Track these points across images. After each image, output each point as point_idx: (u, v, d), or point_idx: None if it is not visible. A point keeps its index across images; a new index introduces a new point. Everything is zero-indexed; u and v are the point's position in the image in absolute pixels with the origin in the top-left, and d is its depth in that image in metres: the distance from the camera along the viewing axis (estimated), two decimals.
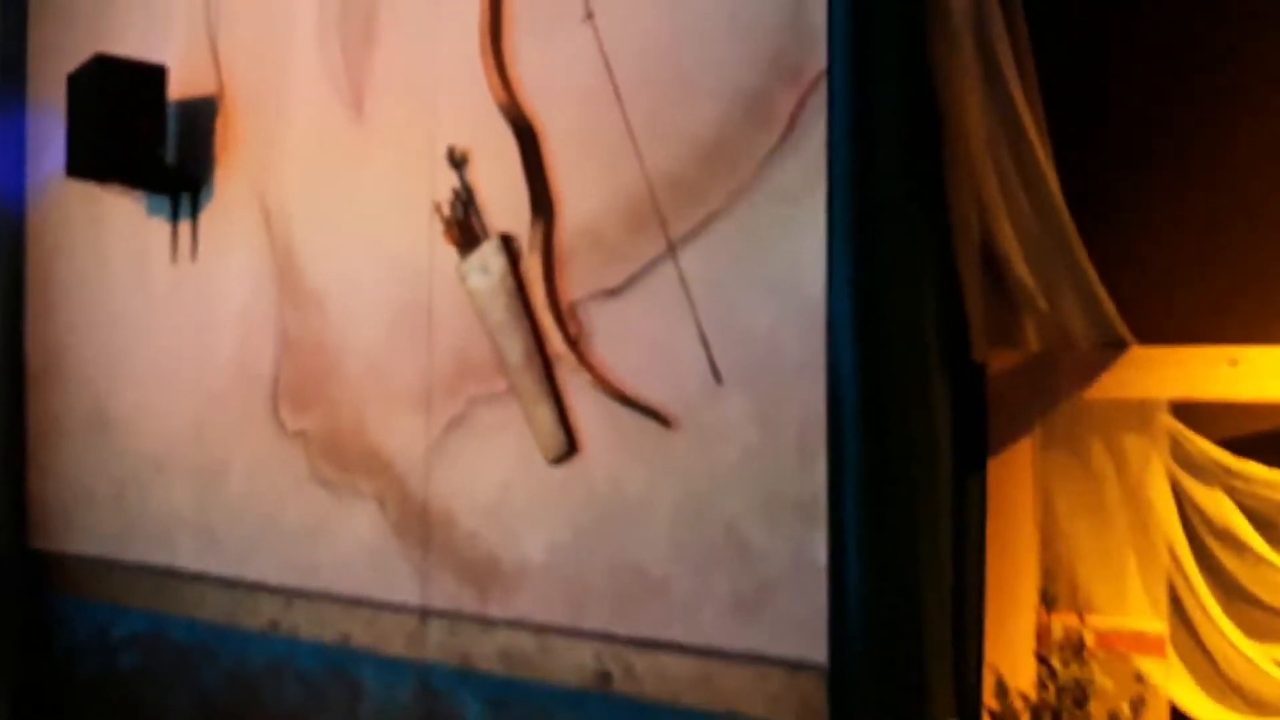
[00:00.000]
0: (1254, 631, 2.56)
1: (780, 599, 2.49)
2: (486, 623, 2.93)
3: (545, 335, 2.90)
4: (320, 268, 3.51)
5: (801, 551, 2.45)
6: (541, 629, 2.83)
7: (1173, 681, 2.56)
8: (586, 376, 2.82)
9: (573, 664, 2.78)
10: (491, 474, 3.00)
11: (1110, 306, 2.58)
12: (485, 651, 2.94)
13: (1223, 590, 2.60)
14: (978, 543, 2.53)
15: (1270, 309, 2.65)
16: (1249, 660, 2.55)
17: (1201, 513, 2.63)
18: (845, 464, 2.36)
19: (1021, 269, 2.57)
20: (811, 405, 2.43)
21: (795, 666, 2.44)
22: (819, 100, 2.48)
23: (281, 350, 3.58)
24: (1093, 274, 2.55)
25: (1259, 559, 2.57)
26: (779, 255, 2.55)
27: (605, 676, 2.71)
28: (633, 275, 2.76)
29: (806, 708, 2.42)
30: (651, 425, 2.70)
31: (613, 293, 2.80)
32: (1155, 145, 2.79)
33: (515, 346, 2.95)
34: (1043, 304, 2.58)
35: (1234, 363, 2.55)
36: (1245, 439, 2.66)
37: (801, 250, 2.50)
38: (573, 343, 2.85)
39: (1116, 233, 2.69)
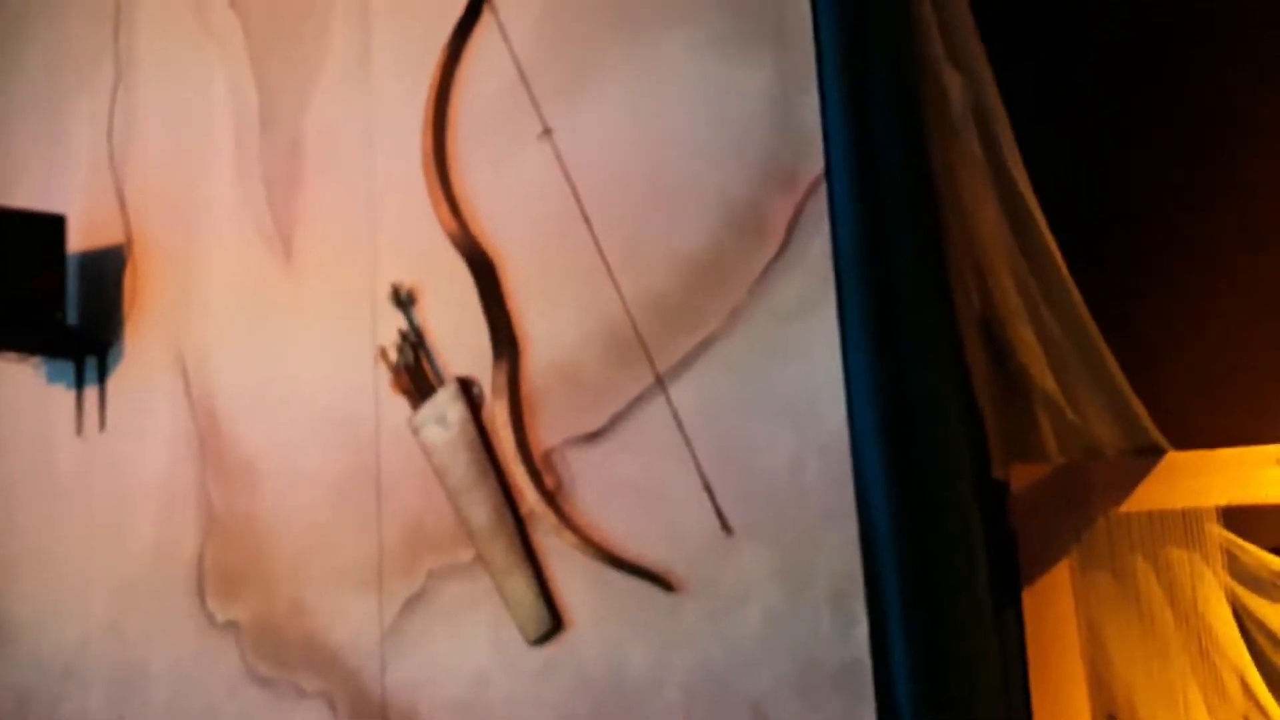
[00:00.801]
0: None
1: None
2: None
3: (517, 492, 2.55)
4: (250, 431, 3.15)
5: None
6: None
7: None
8: (569, 537, 2.46)
9: None
10: (462, 661, 2.60)
11: (1141, 410, 2.44)
12: None
13: None
14: (1020, 686, 2.30)
15: None
16: None
17: (1268, 631, 2.37)
18: (889, 623, 2.08)
19: (1044, 376, 2.41)
20: (843, 555, 2.13)
21: None
22: (818, 207, 2.26)
23: (207, 528, 3.18)
24: (1120, 376, 2.41)
25: None
26: (789, 381, 2.26)
27: None
28: (617, 415, 2.44)
29: None
30: (652, 590, 2.34)
31: (595, 437, 2.47)
32: (1178, 237, 2.64)
33: (482, 508, 2.59)
34: (1070, 414, 2.39)
35: None
36: None
37: (814, 374, 2.22)
38: (550, 498, 2.50)
39: (1141, 330, 2.57)
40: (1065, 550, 2.43)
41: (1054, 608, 2.41)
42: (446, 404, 2.67)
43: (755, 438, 2.28)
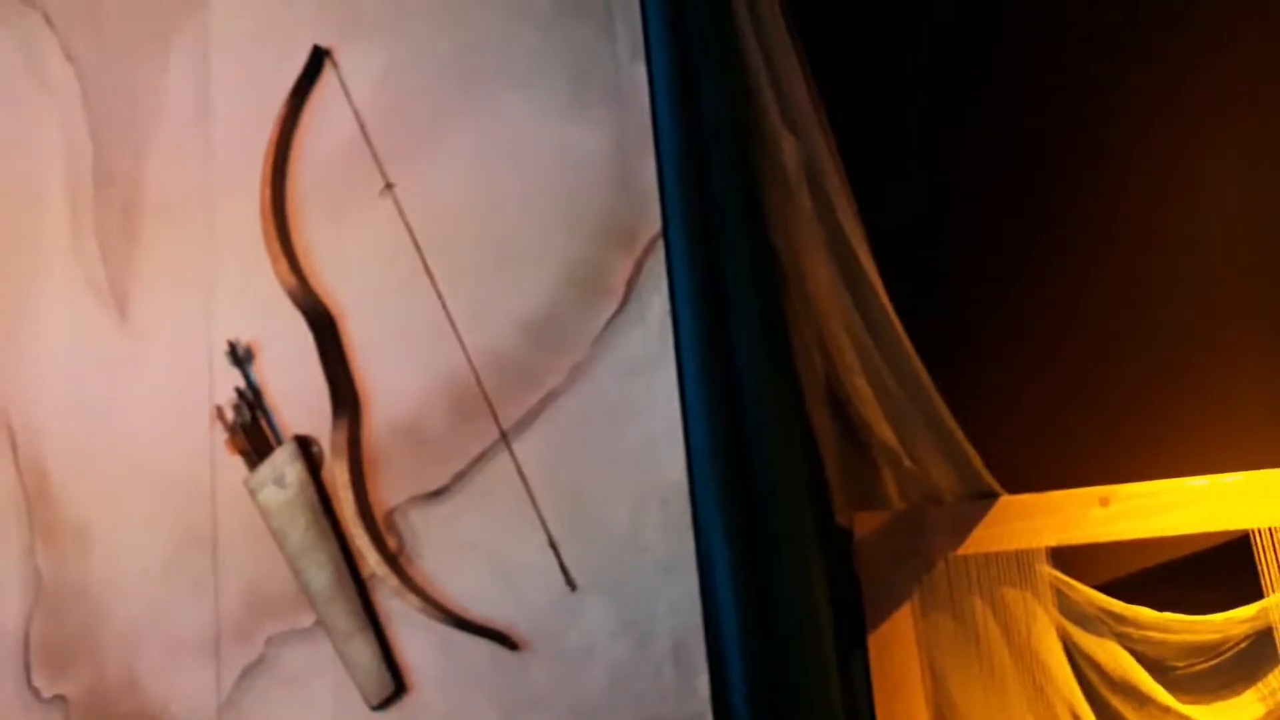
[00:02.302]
0: None
1: None
2: None
3: (358, 554, 2.49)
4: (80, 496, 3.01)
5: None
6: None
7: None
8: (412, 599, 2.41)
9: None
10: None
11: (975, 457, 2.58)
12: None
13: None
14: None
15: (1138, 445, 2.62)
16: None
17: (1097, 666, 2.49)
18: (729, 676, 2.09)
19: (883, 428, 2.50)
20: (684, 609, 2.14)
21: None
22: (657, 265, 2.29)
23: (34, 600, 3.01)
24: (953, 425, 2.54)
25: (1163, 709, 2.43)
26: (630, 436, 2.27)
27: None
28: (460, 472, 2.42)
29: None
30: (498, 650, 2.31)
31: (438, 495, 2.43)
32: (1004, 291, 2.77)
33: (322, 571, 2.52)
34: (908, 462, 2.49)
35: (1105, 502, 2.48)
36: (1126, 580, 2.54)
37: (654, 429, 2.24)
38: (393, 560, 2.45)
39: (973, 380, 2.68)
40: (908, 594, 2.50)
41: (898, 651, 2.48)
42: (285, 464, 2.60)
43: (598, 492, 2.28)
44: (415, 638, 2.40)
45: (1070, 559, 2.53)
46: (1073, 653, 2.49)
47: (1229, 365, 2.69)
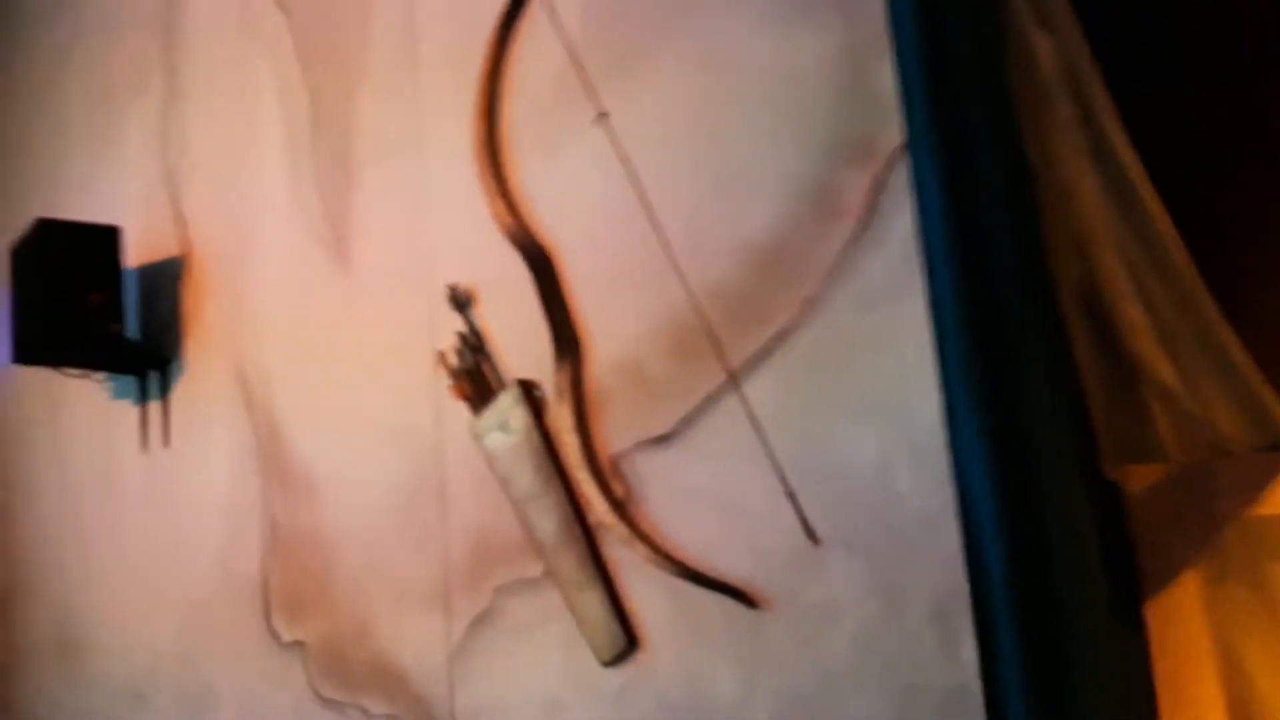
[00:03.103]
0: None
1: None
2: None
3: (584, 501, 2.38)
4: (310, 444, 3.05)
5: None
6: None
7: None
8: (641, 550, 2.27)
9: None
10: (533, 683, 2.43)
11: (1272, 399, 2.15)
12: None
13: None
14: (1148, 713, 2.03)
15: None
16: None
17: None
18: (1000, 641, 1.85)
19: (1160, 365, 2.16)
20: (945, 567, 1.90)
21: None
22: (899, 182, 2.03)
23: (271, 546, 3.09)
24: (1246, 361, 2.14)
25: None
26: (874, 374, 2.04)
27: None
28: (686, 416, 2.25)
29: None
30: (733, 607, 2.14)
31: (664, 440, 2.28)
32: None
33: (548, 518, 2.42)
34: (1190, 405, 2.14)
35: None
36: None
37: (903, 366, 2.00)
38: (620, 508, 2.32)
39: (1265, 311, 2.26)
40: (1192, 560, 2.20)
41: (1182, 625, 2.17)
42: (508, 409, 2.51)
43: (839, 438, 2.07)
44: (645, 590, 2.27)
45: None
46: None
47: None
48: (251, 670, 3.07)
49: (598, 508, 2.35)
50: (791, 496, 2.09)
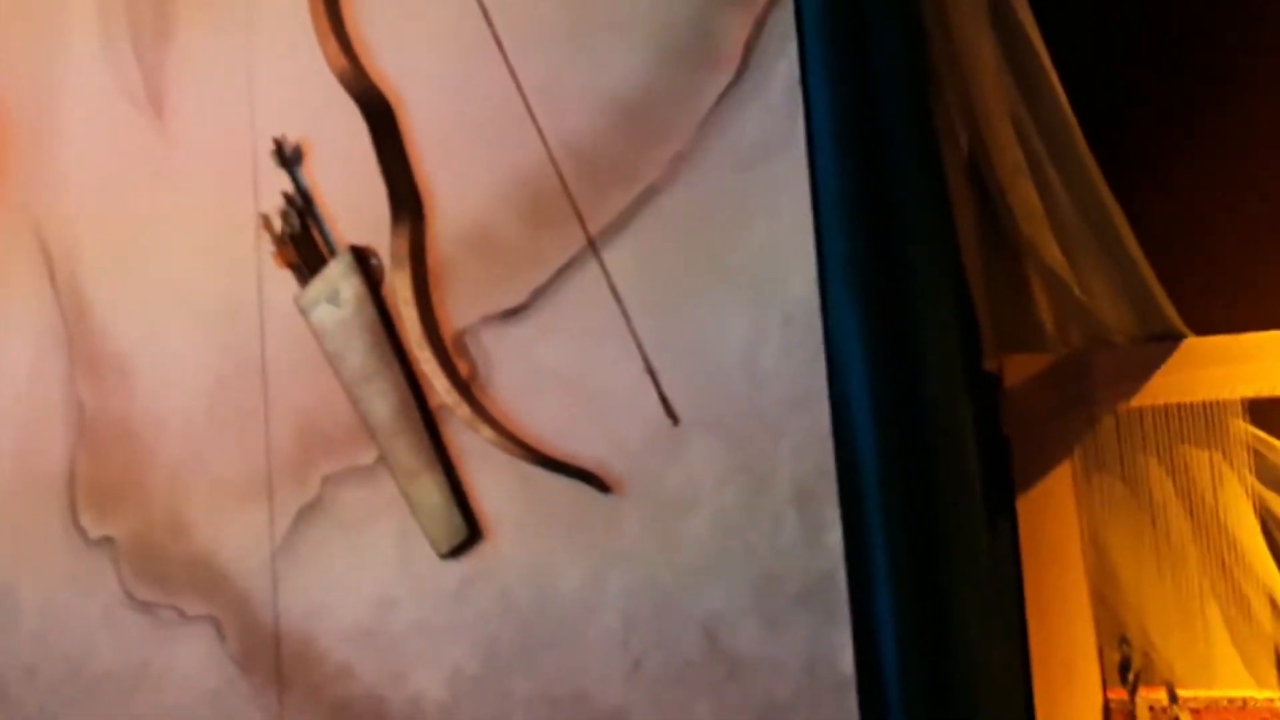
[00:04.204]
0: None
1: None
2: None
3: (424, 381, 2.17)
4: (121, 321, 2.76)
5: (817, 658, 1.77)
6: None
7: None
8: (487, 433, 2.09)
9: None
10: (364, 581, 2.25)
11: (1157, 289, 2.11)
12: None
13: None
14: (1015, 604, 2.03)
15: None
16: None
17: None
18: (868, 529, 1.74)
19: (1047, 245, 2.08)
20: (812, 449, 1.78)
21: None
22: (782, 24, 1.87)
23: (77, 435, 2.79)
24: (1135, 249, 2.08)
25: None
26: (747, 240, 1.89)
27: None
28: (541, 287, 2.06)
29: None
30: (585, 494, 1.98)
31: (515, 314, 2.08)
32: (1208, 89, 2.29)
33: (383, 401, 2.21)
34: (1076, 291, 2.07)
35: None
36: None
37: (778, 231, 1.85)
38: (463, 389, 2.12)
39: (1159, 200, 2.19)
40: (1067, 451, 2.16)
41: (1053, 517, 2.16)
42: (339, 279, 2.27)
43: (706, 310, 1.91)
44: (490, 477, 2.10)
45: (1270, 414, 2.13)
46: (1270, 525, 2.12)
47: None
48: (55, 570, 2.80)
49: (439, 388, 2.16)
50: (652, 374, 1.93)
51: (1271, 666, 2.05)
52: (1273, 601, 2.07)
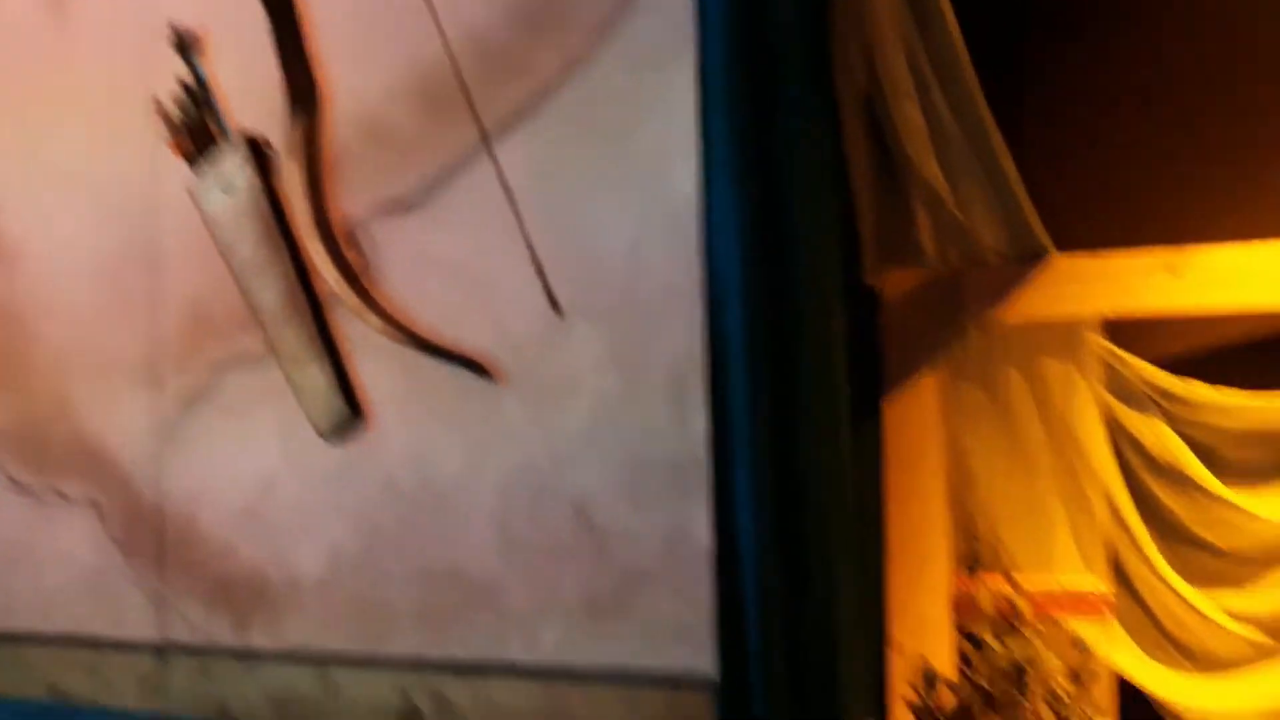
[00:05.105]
0: (1201, 579, 2.20)
1: (651, 597, 1.92)
2: (250, 658, 2.27)
3: (314, 270, 2.20)
4: (9, 205, 2.70)
5: (678, 533, 1.87)
6: (325, 661, 2.20)
7: (1114, 645, 2.20)
8: (374, 321, 2.13)
9: (370, 702, 2.16)
10: (247, 463, 2.28)
11: (1029, 209, 2.20)
12: (248, 695, 2.28)
13: (1164, 535, 2.24)
14: (875, 500, 2.13)
15: (1214, 203, 2.26)
16: (1196, 612, 2.20)
17: (1139, 447, 2.26)
18: (732, 416, 1.83)
19: (929, 164, 2.15)
20: (685, 341, 1.86)
21: (674, 683, 1.89)
22: None
23: None
24: (1010, 168, 2.15)
25: (1206, 495, 2.22)
26: (636, 144, 1.95)
27: (413, 715, 2.11)
28: (434, 180, 2.08)
29: None
30: (468, 381, 2.04)
31: (407, 205, 2.11)
32: (1076, 25, 2.37)
33: (273, 289, 2.23)
34: (952, 207, 2.15)
35: (1173, 269, 2.17)
36: (1186, 359, 2.25)
37: (667, 136, 1.91)
38: (353, 278, 2.15)
39: (1028, 126, 2.29)
40: (933, 361, 2.26)
41: (918, 421, 2.27)
42: (233, 168, 2.27)
43: (595, 208, 1.97)
44: (376, 364, 2.14)
45: (1126, 333, 2.26)
46: (1115, 432, 2.26)
47: None
48: None
49: (328, 277, 2.18)
50: (538, 266, 1.98)
51: (1103, 560, 2.21)
52: (1109, 502, 2.22)
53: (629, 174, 1.94)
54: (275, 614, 2.25)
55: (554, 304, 1.97)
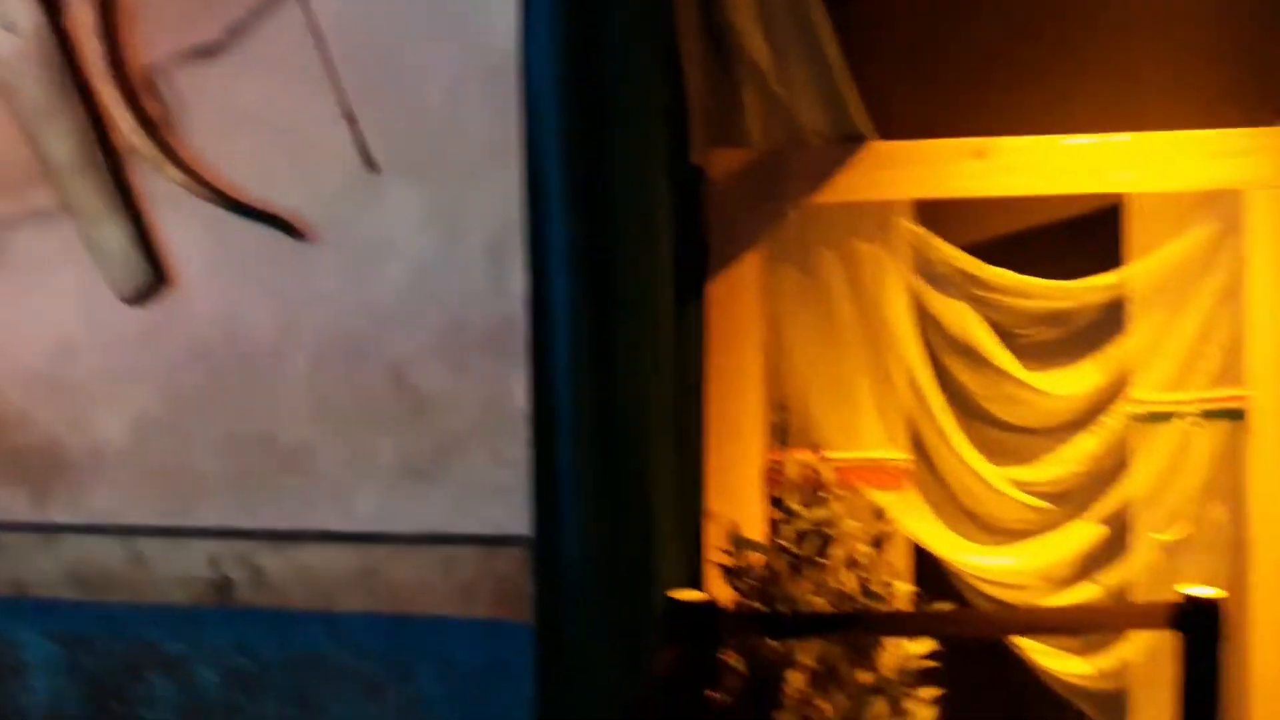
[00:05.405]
0: (993, 453, 2.30)
1: (467, 460, 1.94)
2: (48, 532, 2.19)
3: (109, 120, 2.06)
4: None
5: (495, 396, 1.88)
6: (130, 533, 2.14)
7: (911, 514, 2.30)
8: (176, 175, 2.02)
9: (177, 574, 2.12)
10: (42, 328, 2.16)
11: (852, 93, 2.22)
12: (48, 571, 2.20)
13: (961, 411, 2.33)
14: (697, 375, 2.16)
15: (1020, 95, 2.34)
16: (986, 484, 2.31)
17: (942, 328, 2.34)
18: (551, 277, 1.80)
19: (755, 42, 2.13)
20: (505, 200, 1.82)
21: (489, 544, 1.92)
22: None
23: None
24: (834, 51, 2.16)
25: (999, 374, 2.33)
26: None
27: (225, 585, 2.09)
28: (239, 23, 1.97)
29: (506, 595, 1.92)
30: (278, 240, 1.97)
31: (209, 51, 1.98)
32: None
33: (64, 140, 2.09)
34: (775, 85, 2.15)
35: (980, 154, 2.25)
36: (991, 242, 2.35)
37: None
38: (152, 129, 2.03)
39: (849, 12, 2.28)
40: (755, 241, 2.28)
41: (739, 299, 2.29)
42: (15, 4, 2.09)
43: (409, 57, 1.90)
44: (180, 222, 2.03)
45: (936, 216, 2.34)
46: (921, 314, 2.35)
47: (1125, 19, 2.43)
48: None
49: (125, 127, 2.05)
50: (351, 119, 1.90)
51: (905, 434, 2.32)
52: (912, 380, 2.32)
53: (446, 25, 1.88)
54: (77, 486, 2.17)
55: (368, 160, 1.90)
